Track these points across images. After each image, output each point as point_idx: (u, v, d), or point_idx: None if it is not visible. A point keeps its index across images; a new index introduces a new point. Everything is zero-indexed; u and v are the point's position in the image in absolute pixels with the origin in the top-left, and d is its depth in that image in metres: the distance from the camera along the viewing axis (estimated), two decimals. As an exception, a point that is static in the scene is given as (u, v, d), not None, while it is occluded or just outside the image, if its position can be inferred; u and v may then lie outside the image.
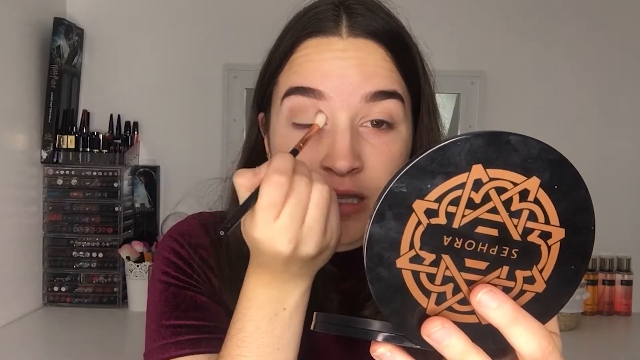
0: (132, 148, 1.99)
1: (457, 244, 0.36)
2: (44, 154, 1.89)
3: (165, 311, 0.66)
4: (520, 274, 0.37)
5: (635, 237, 2.05)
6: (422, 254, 0.36)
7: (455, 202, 0.35)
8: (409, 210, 0.35)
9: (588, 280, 1.95)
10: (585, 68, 2.04)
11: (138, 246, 1.88)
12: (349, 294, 0.67)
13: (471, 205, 0.35)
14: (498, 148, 0.35)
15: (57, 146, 1.90)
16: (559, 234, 0.37)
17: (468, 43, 2.03)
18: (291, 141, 0.59)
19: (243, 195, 0.50)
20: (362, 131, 0.61)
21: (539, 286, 0.37)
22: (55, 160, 1.90)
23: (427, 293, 0.37)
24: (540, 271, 0.37)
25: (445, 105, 2.12)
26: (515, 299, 0.37)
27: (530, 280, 0.37)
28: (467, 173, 0.35)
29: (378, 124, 0.61)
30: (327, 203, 0.51)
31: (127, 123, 2.01)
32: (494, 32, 2.04)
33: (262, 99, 0.68)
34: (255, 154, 0.70)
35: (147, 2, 2.06)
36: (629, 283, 2.01)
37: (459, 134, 0.35)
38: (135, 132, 2.02)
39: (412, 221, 0.35)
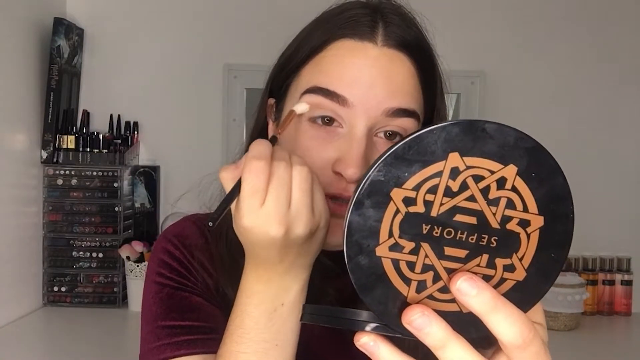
0: (132, 148, 1.99)
1: (436, 232, 0.36)
2: (44, 154, 1.89)
3: (160, 312, 0.67)
4: (500, 262, 0.37)
5: (635, 237, 2.05)
6: (401, 242, 0.36)
7: (432, 190, 0.35)
8: (387, 199, 0.35)
9: (588, 280, 1.95)
10: (585, 68, 2.04)
11: (138, 246, 1.88)
12: (347, 289, 0.67)
13: (449, 193, 0.35)
14: (474, 136, 0.35)
15: (57, 146, 1.90)
16: (537, 221, 0.36)
17: (468, 43, 2.03)
18: (303, 135, 0.61)
19: (228, 188, 0.51)
20: (375, 140, 0.61)
21: (519, 274, 0.37)
22: (55, 160, 1.90)
23: (407, 281, 0.37)
24: (520, 259, 0.37)
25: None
26: (495, 287, 0.37)
27: (510, 268, 0.37)
28: (444, 161, 0.35)
29: (392, 135, 0.62)
30: (309, 183, 0.51)
31: (127, 123, 2.01)
32: (494, 32, 2.04)
33: (278, 87, 0.68)
34: (262, 136, 0.70)
35: (147, 2, 2.06)
36: (629, 283, 2.01)
37: (434, 124, 0.35)
38: (135, 132, 2.02)
39: (391, 209, 0.35)
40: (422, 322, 0.36)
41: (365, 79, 0.59)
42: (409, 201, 0.35)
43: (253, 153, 0.50)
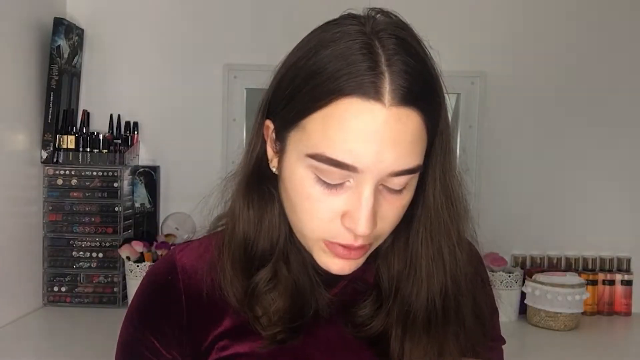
0: (132, 148, 1.99)
1: None
2: (44, 154, 1.89)
3: None
4: None
5: (635, 237, 2.05)
6: None
7: None
8: None
9: (588, 280, 1.95)
10: (585, 68, 2.04)
11: (138, 246, 1.88)
12: (343, 295, 0.71)
13: None
14: None
15: (57, 146, 1.90)
16: None
17: (468, 43, 2.03)
18: (314, 190, 0.61)
19: None
20: (380, 189, 0.61)
21: None
22: (55, 160, 1.90)
23: None
24: None
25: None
26: None
27: None
28: None
29: (395, 192, 0.62)
30: None
31: (127, 123, 2.01)
32: (494, 32, 2.04)
33: (278, 117, 0.65)
34: (259, 157, 0.70)
35: (147, 2, 2.06)
36: (629, 283, 2.01)
37: None
38: (135, 132, 2.02)
39: None
40: None
41: (373, 148, 0.58)
42: None
43: None
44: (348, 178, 0.60)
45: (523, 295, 1.88)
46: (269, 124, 0.67)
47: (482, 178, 2.04)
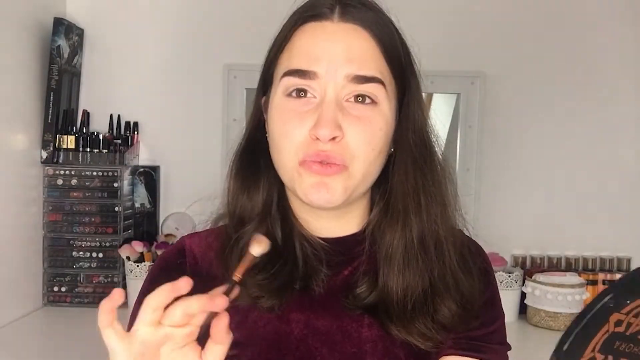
0: (132, 148, 1.99)
1: (622, 347, 0.42)
2: (44, 154, 1.89)
3: None
4: None
5: (635, 237, 2.05)
6: (597, 356, 0.42)
7: (637, 314, 0.41)
8: (605, 321, 0.41)
9: (588, 280, 1.95)
10: (585, 68, 2.04)
11: (138, 246, 1.88)
12: (350, 276, 0.73)
13: None
14: None
15: (57, 146, 1.90)
16: None
17: (468, 43, 2.03)
18: (286, 109, 0.69)
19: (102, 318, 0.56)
20: (346, 105, 0.68)
21: None
22: (55, 160, 1.90)
23: None
24: None
25: (445, 105, 2.12)
26: None
27: None
28: None
29: (362, 98, 0.68)
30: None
31: (127, 123, 2.02)
32: (494, 32, 2.04)
33: (264, 83, 0.75)
34: (259, 134, 0.76)
35: (147, 3, 2.06)
36: (629, 283, 2.01)
37: None
38: (135, 132, 2.02)
39: (604, 330, 0.41)
40: None
41: (326, 52, 0.67)
42: (618, 323, 0.41)
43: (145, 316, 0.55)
44: (312, 90, 0.68)
45: (523, 295, 1.88)
46: (264, 98, 0.75)
47: (482, 178, 2.04)
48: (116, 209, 1.93)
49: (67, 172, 1.91)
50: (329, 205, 0.68)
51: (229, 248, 0.72)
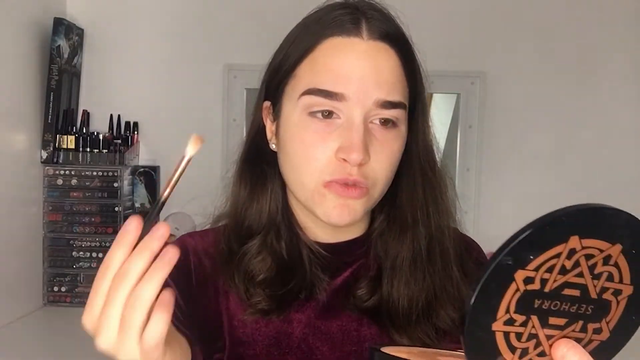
0: (132, 148, 1.99)
1: (545, 305, 0.40)
2: (44, 154, 1.89)
3: None
4: (591, 326, 0.41)
5: (635, 237, 2.05)
6: (515, 316, 0.39)
7: (550, 269, 0.39)
8: (510, 280, 0.38)
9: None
10: (585, 68, 2.04)
11: (138, 246, 1.88)
12: (350, 277, 0.74)
13: (563, 271, 0.39)
14: (594, 220, 0.39)
15: (57, 146, 1.90)
16: (628, 290, 0.41)
17: (468, 43, 2.03)
18: (305, 129, 0.66)
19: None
20: (370, 127, 0.67)
21: (604, 335, 0.42)
22: (55, 160, 1.90)
23: (513, 349, 0.40)
24: (607, 323, 0.42)
25: (445, 105, 2.12)
26: (583, 347, 0.41)
27: (598, 331, 0.42)
28: (565, 244, 0.38)
29: (385, 122, 0.67)
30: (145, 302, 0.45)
31: (127, 123, 2.01)
32: (494, 32, 2.04)
33: (273, 89, 0.72)
34: (259, 139, 0.75)
35: (147, 3, 2.06)
36: (629, 283, 2.01)
37: (561, 208, 0.38)
38: (135, 132, 2.02)
39: (512, 289, 0.39)
40: None
41: (356, 73, 0.65)
42: (528, 280, 0.39)
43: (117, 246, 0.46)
44: (338, 111, 0.65)
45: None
46: (267, 104, 0.73)
47: (482, 178, 2.04)
48: (116, 209, 1.93)
49: (67, 172, 1.91)
50: (346, 224, 0.69)
51: (235, 262, 0.72)
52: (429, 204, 0.72)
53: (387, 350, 0.54)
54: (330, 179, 0.66)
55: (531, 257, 0.38)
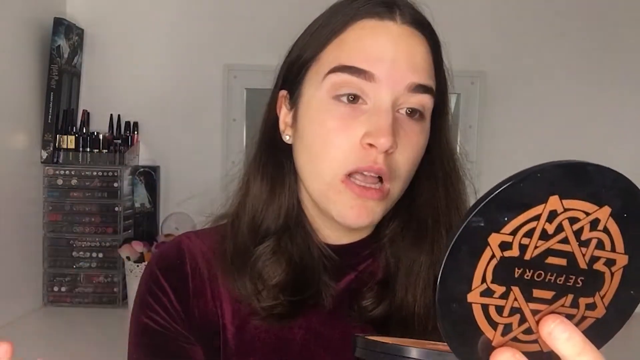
0: (132, 148, 1.99)
1: (527, 275, 0.35)
2: (44, 154, 1.89)
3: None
4: (583, 301, 0.37)
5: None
6: (493, 287, 0.35)
7: (529, 234, 0.34)
8: (484, 244, 0.34)
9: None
10: (586, 68, 2.04)
11: (138, 246, 1.88)
12: (349, 290, 0.70)
13: (544, 236, 0.35)
14: (576, 178, 0.34)
15: (57, 146, 1.90)
16: (622, 260, 0.36)
17: (468, 43, 2.03)
18: (328, 114, 0.62)
19: None
20: (397, 116, 0.63)
21: (599, 312, 0.37)
22: (55, 160, 1.90)
23: (494, 325, 0.36)
24: (602, 297, 0.37)
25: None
26: (576, 325, 0.37)
27: (591, 306, 0.37)
28: (544, 205, 0.34)
29: (412, 112, 0.63)
30: None
31: (127, 123, 2.01)
32: (494, 32, 2.04)
33: (292, 77, 0.68)
34: (273, 130, 0.71)
35: (147, 2, 2.06)
36: (629, 283, 2.01)
37: (537, 165, 0.34)
38: (135, 132, 2.02)
39: (486, 255, 0.34)
40: None
41: (389, 55, 0.61)
42: (505, 246, 0.34)
43: None
44: (365, 95, 0.61)
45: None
46: (283, 92, 0.69)
47: (482, 178, 2.03)
48: (116, 209, 1.93)
49: (67, 172, 1.91)
50: (363, 227, 0.65)
51: (246, 263, 0.68)
52: (452, 209, 0.69)
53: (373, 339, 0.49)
54: (356, 168, 0.61)
55: (505, 218, 0.34)
